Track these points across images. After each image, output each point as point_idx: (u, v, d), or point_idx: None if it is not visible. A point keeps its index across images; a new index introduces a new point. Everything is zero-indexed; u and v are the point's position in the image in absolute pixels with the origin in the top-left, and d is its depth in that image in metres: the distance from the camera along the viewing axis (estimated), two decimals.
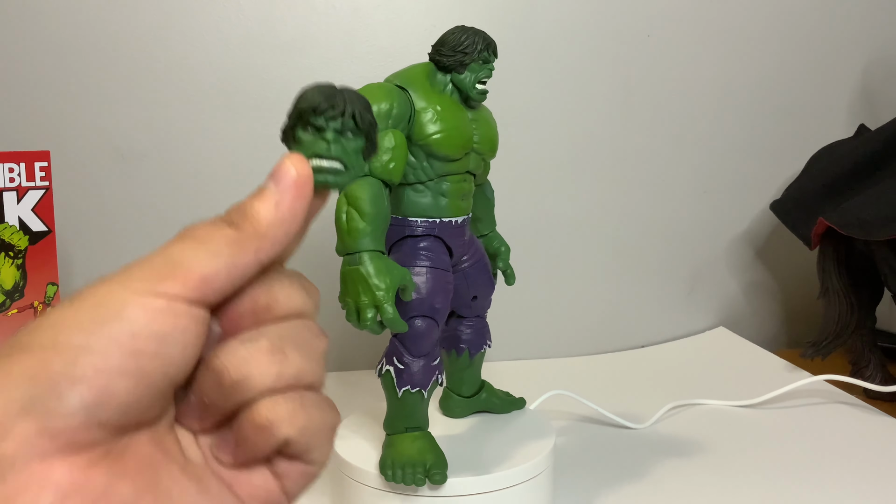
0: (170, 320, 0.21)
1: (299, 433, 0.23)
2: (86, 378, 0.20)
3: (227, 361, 0.22)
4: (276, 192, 0.24)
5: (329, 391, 0.26)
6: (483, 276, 0.55)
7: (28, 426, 0.19)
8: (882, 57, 0.98)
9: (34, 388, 0.19)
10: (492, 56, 0.50)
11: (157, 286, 0.21)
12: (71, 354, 0.20)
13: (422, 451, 0.47)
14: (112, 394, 0.20)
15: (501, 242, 0.59)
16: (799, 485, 0.57)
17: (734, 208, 0.96)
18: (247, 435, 0.23)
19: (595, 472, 0.59)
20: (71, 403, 0.19)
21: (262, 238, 0.23)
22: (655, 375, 0.82)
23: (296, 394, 0.23)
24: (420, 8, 0.83)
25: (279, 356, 0.23)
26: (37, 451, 0.19)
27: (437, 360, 0.49)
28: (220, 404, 0.23)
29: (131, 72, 0.79)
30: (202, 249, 0.22)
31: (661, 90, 0.91)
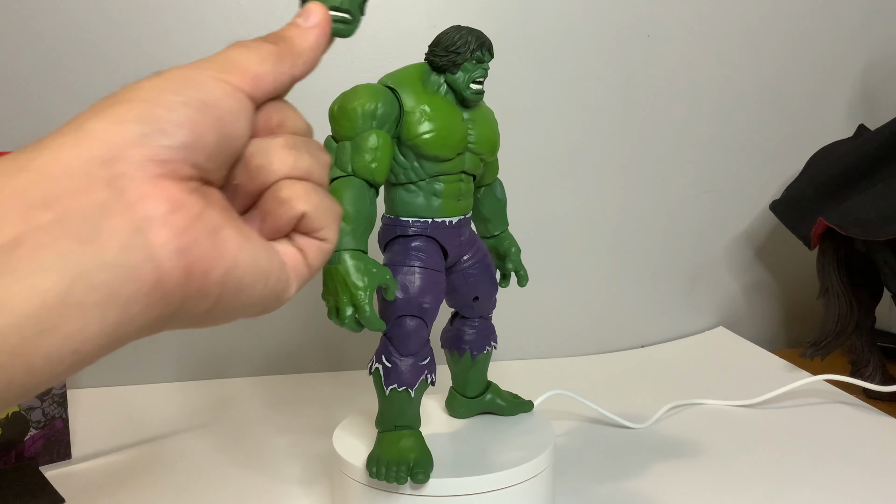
0: (236, 102, 0.26)
1: (313, 209, 0.28)
2: (185, 125, 0.24)
3: (253, 149, 0.28)
4: (306, 27, 0.30)
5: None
6: (485, 277, 0.54)
7: (142, 152, 0.23)
8: (882, 57, 0.98)
9: (147, 127, 0.24)
10: (486, 55, 0.49)
11: (224, 76, 0.26)
12: (174, 106, 0.24)
13: (408, 449, 0.48)
14: (203, 142, 0.25)
15: (512, 243, 0.58)
16: (799, 485, 0.57)
17: (734, 208, 0.96)
18: (271, 209, 0.28)
19: (595, 472, 0.60)
20: (175, 141, 0.24)
21: (297, 56, 0.29)
22: (655, 375, 0.82)
23: (308, 182, 0.29)
24: (420, 8, 0.83)
25: (294, 151, 0.28)
26: (148, 173, 0.23)
27: (427, 359, 0.49)
28: (247, 186, 0.28)
29: (131, 72, 0.79)
30: (254, 56, 0.28)
31: (660, 90, 0.91)
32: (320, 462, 0.62)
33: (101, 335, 0.22)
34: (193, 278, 0.24)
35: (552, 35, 0.87)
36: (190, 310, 0.25)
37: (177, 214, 0.24)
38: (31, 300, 0.20)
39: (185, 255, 0.24)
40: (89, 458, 0.63)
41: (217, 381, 0.81)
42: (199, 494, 0.57)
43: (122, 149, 0.23)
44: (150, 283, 0.23)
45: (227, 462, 0.63)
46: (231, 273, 0.26)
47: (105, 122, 0.23)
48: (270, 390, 0.79)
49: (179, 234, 0.24)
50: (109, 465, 0.62)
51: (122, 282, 0.22)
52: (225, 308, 0.26)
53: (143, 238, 0.23)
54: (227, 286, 0.26)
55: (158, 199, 0.23)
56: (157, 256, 0.23)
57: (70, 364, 0.22)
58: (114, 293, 0.22)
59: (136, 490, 0.58)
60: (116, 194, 0.22)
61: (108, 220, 0.22)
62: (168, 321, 0.25)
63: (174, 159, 0.24)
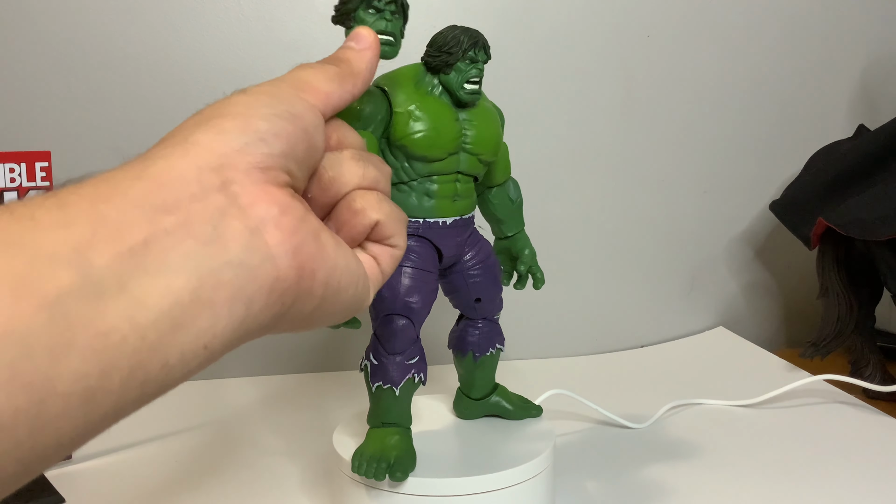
0: (315, 115, 0.29)
1: (385, 217, 0.30)
2: (281, 134, 0.26)
3: (325, 163, 0.30)
4: (360, 49, 0.33)
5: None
6: (487, 278, 0.54)
7: (246, 160, 0.25)
8: (882, 57, 0.98)
9: (248, 136, 0.25)
10: (480, 55, 0.49)
11: (301, 93, 0.29)
12: (268, 118, 0.26)
13: (391, 447, 0.48)
14: (296, 150, 0.27)
15: (525, 245, 0.57)
16: (799, 485, 0.57)
17: (734, 208, 0.97)
18: (346, 218, 0.30)
19: (595, 472, 0.60)
20: (275, 149, 0.26)
21: (356, 76, 0.32)
22: (655, 375, 0.82)
23: (377, 192, 0.31)
24: (420, 8, 0.83)
25: (361, 162, 0.31)
26: (255, 178, 0.25)
27: (415, 359, 0.49)
28: (321, 198, 0.30)
29: (131, 72, 0.79)
30: (322, 76, 0.30)
31: (660, 90, 0.91)
32: (320, 462, 0.62)
33: (227, 331, 0.23)
34: (304, 277, 0.26)
35: (552, 35, 0.87)
36: (299, 310, 0.27)
37: (286, 217, 0.25)
38: (166, 297, 0.22)
39: (297, 254, 0.25)
40: (89, 458, 0.63)
41: (217, 381, 0.81)
42: (198, 494, 0.57)
43: (228, 157, 0.25)
44: (270, 281, 0.24)
45: (226, 462, 0.63)
46: (332, 274, 0.27)
47: (210, 134, 0.25)
48: (270, 390, 0.79)
49: (290, 234, 0.25)
50: (109, 465, 0.62)
51: (246, 279, 0.24)
52: (325, 310, 0.28)
53: (260, 238, 0.24)
54: (329, 286, 0.27)
55: (269, 202, 0.25)
56: (274, 255, 0.24)
57: (201, 360, 0.23)
58: (239, 290, 0.23)
59: (136, 490, 0.58)
60: (230, 199, 0.24)
61: (227, 223, 0.23)
62: (280, 321, 0.26)
63: (274, 166, 0.26)
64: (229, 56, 0.81)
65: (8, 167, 0.63)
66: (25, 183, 0.64)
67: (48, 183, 0.65)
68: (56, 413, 0.20)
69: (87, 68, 0.78)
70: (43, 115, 0.78)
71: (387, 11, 0.37)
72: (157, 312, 0.21)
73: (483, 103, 0.52)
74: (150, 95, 0.80)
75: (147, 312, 0.21)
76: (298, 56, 0.81)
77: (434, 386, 0.60)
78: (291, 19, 0.81)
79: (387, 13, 0.37)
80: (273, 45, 0.81)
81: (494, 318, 0.56)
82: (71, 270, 0.20)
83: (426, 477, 0.48)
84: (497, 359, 0.57)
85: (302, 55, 0.81)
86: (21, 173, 0.63)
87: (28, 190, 0.64)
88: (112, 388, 0.21)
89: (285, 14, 0.81)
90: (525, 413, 0.57)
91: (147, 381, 0.22)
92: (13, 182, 0.63)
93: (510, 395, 0.58)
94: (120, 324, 0.21)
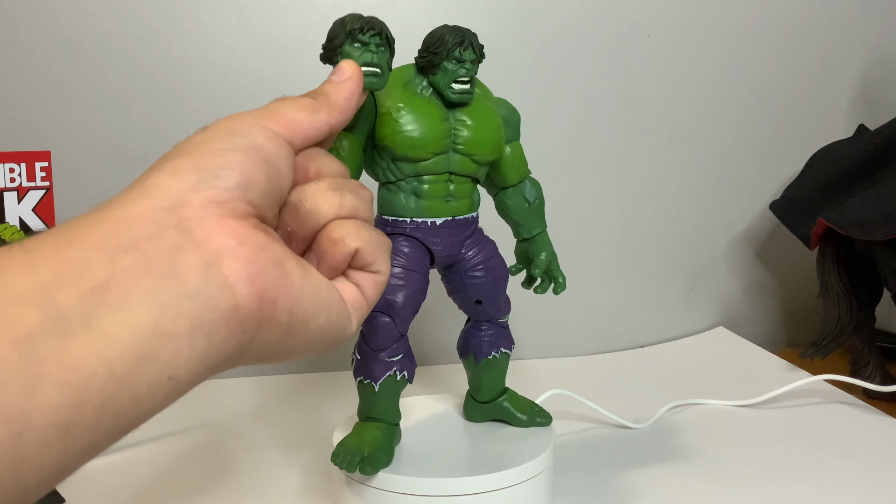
0: (276, 144, 0.29)
1: (365, 244, 0.31)
2: (235, 167, 0.27)
3: (301, 196, 0.31)
4: (339, 81, 0.34)
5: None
6: (488, 280, 0.53)
7: (202, 196, 0.26)
8: (882, 57, 0.98)
9: (201, 174, 0.26)
10: (467, 54, 0.48)
11: (263, 122, 0.30)
12: (222, 153, 0.27)
13: (367, 441, 0.49)
14: (254, 181, 0.28)
15: (543, 247, 0.55)
16: (799, 485, 0.57)
17: (734, 208, 0.96)
18: (325, 249, 0.31)
19: (595, 472, 0.60)
20: (229, 182, 0.27)
21: (332, 107, 0.33)
22: (655, 375, 0.82)
23: (356, 220, 0.31)
24: (420, 8, 0.84)
25: (338, 192, 0.31)
26: (211, 213, 0.26)
27: (398, 356, 0.50)
28: (300, 231, 0.31)
29: (131, 72, 0.79)
30: (292, 105, 0.31)
31: (660, 90, 0.91)
32: (320, 462, 0.62)
33: (191, 362, 0.25)
34: (265, 305, 0.27)
35: (552, 35, 0.87)
36: (264, 339, 0.27)
37: (244, 247, 0.26)
38: (129, 331, 0.23)
39: (256, 282, 0.26)
40: None
41: (216, 381, 0.81)
42: (198, 494, 0.57)
43: (182, 195, 0.26)
44: (229, 309, 0.25)
45: (226, 462, 0.63)
46: (298, 302, 0.28)
47: (164, 176, 0.26)
48: (270, 390, 0.79)
49: (248, 263, 0.26)
50: (109, 465, 0.62)
51: (204, 309, 0.24)
52: (295, 339, 0.29)
53: (216, 269, 0.25)
54: (295, 314, 0.28)
55: (225, 234, 0.26)
56: (231, 285, 0.25)
57: (168, 391, 0.24)
58: (198, 320, 0.24)
59: (136, 490, 0.58)
60: (185, 235, 0.25)
61: (183, 258, 0.25)
62: (247, 350, 0.27)
63: (231, 198, 0.27)
64: (229, 56, 0.81)
65: (8, 167, 0.63)
66: (25, 183, 0.64)
67: (48, 183, 0.65)
68: (35, 447, 0.21)
69: (87, 68, 0.78)
70: (43, 115, 0.78)
71: (371, 44, 0.38)
72: (122, 346, 0.22)
73: (484, 103, 0.51)
74: (150, 95, 0.80)
75: (113, 346, 0.22)
76: (300, 56, 0.81)
77: (436, 386, 0.60)
78: (291, 19, 0.81)
79: (371, 45, 0.38)
80: (273, 45, 0.81)
81: (500, 322, 0.55)
82: (38, 310, 0.22)
83: (426, 477, 0.48)
84: (504, 363, 0.56)
85: (302, 55, 0.81)
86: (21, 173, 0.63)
87: (28, 190, 0.64)
88: (86, 422, 0.22)
89: (285, 14, 0.81)
90: (532, 422, 0.56)
91: (118, 413, 0.23)
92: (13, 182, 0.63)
93: (519, 401, 0.57)
94: (88, 358, 0.22)
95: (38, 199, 0.65)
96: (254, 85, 0.81)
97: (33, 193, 0.64)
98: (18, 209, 0.63)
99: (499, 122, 0.52)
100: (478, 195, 0.53)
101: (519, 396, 0.57)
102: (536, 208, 0.55)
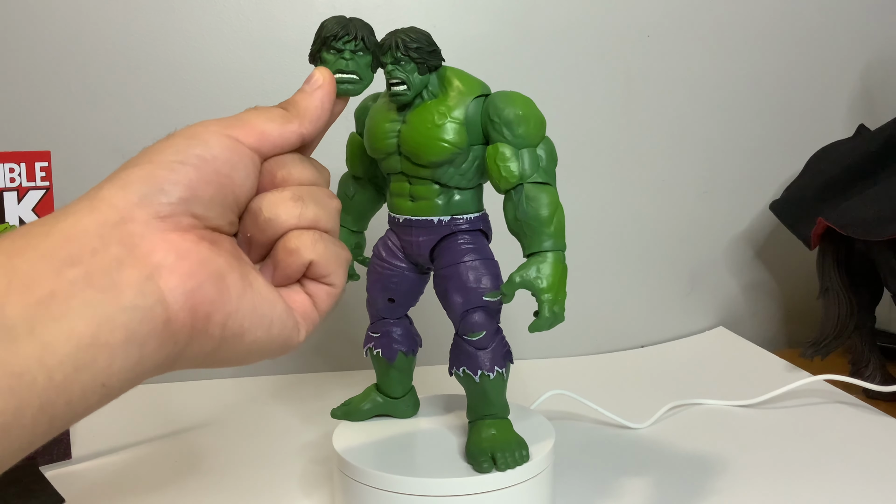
0: (236, 154, 0.30)
1: (319, 257, 0.31)
2: (182, 182, 0.28)
3: (261, 204, 0.31)
4: (310, 91, 0.34)
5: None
6: (440, 289, 0.51)
7: (146, 211, 0.27)
8: (882, 57, 0.98)
9: (146, 188, 0.27)
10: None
11: (229, 131, 0.30)
12: (171, 166, 0.28)
13: (360, 396, 0.57)
14: (200, 194, 0.28)
15: (521, 268, 0.47)
16: (799, 485, 0.57)
17: (734, 208, 0.96)
18: (281, 258, 0.31)
19: (595, 472, 0.59)
20: (172, 197, 0.28)
21: (303, 116, 0.33)
22: (655, 375, 0.82)
23: (315, 231, 0.32)
24: (420, 9, 0.83)
25: (300, 203, 0.31)
26: (154, 228, 0.27)
27: (378, 335, 0.55)
28: (259, 238, 0.31)
29: (131, 72, 0.79)
30: (262, 115, 0.32)
31: (660, 90, 0.91)
32: (320, 462, 0.62)
33: (124, 370, 0.26)
34: (198, 319, 0.28)
35: (552, 35, 0.87)
36: (196, 350, 0.28)
37: (183, 261, 0.27)
38: (70, 341, 0.24)
39: (190, 297, 0.27)
40: (89, 458, 0.63)
41: (216, 382, 0.81)
42: (198, 495, 0.57)
43: (128, 210, 0.27)
44: (161, 323, 0.26)
45: (226, 462, 0.63)
46: (233, 316, 0.29)
47: (114, 189, 0.27)
48: (270, 390, 0.79)
49: (186, 278, 0.27)
50: (109, 465, 0.62)
51: (139, 322, 0.26)
52: (230, 351, 0.30)
53: (153, 284, 0.26)
54: (228, 329, 0.29)
55: (166, 249, 0.27)
56: (166, 299, 0.26)
57: (100, 397, 0.25)
58: (133, 333, 0.26)
59: (136, 490, 0.58)
60: (128, 250, 0.26)
61: (124, 272, 0.26)
62: (179, 359, 0.28)
63: (175, 213, 0.28)
64: (229, 56, 0.81)
65: (8, 167, 0.63)
66: (25, 183, 0.64)
67: (48, 183, 0.65)
68: None
69: (86, 68, 0.78)
70: (43, 115, 0.78)
71: (346, 51, 0.38)
72: (62, 355, 0.24)
73: (441, 103, 0.48)
74: (150, 95, 0.80)
75: (54, 355, 0.24)
76: (299, 56, 0.81)
77: (437, 386, 0.60)
78: (291, 19, 0.81)
79: (346, 52, 0.38)
80: (273, 45, 0.81)
81: (465, 338, 0.51)
82: None
83: (426, 477, 0.48)
84: (469, 384, 0.51)
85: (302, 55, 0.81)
86: (21, 173, 0.63)
87: (28, 190, 0.64)
88: (25, 424, 0.23)
89: (285, 14, 0.81)
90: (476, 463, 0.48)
91: (54, 416, 0.24)
92: (13, 182, 0.63)
93: (482, 438, 0.50)
94: (31, 365, 0.23)
95: (38, 199, 0.65)
96: (253, 85, 0.81)
97: (33, 193, 0.64)
98: (18, 209, 0.63)
99: (437, 123, 0.48)
100: (449, 199, 0.50)
101: (485, 432, 0.50)
102: (532, 224, 0.48)
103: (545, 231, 0.48)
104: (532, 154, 0.49)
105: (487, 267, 0.51)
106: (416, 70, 0.48)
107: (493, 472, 0.47)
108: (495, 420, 0.51)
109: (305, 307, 0.32)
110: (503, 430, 0.51)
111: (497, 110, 0.48)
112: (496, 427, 0.51)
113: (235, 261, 0.30)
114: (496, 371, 0.51)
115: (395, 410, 0.57)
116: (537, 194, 0.48)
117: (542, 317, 0.47)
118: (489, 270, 0.51)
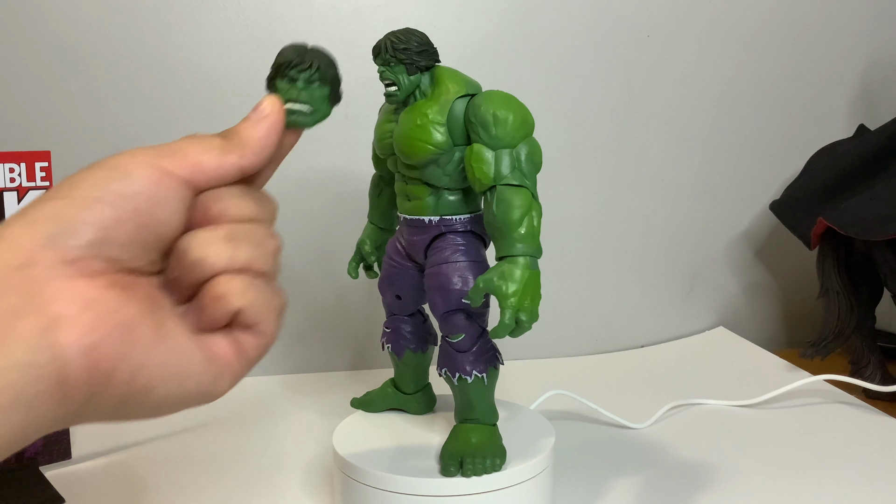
0: (163, 188, 0.27)
1: (249, 305, 0.28)
2: (95, 222, 0.26)
3: (189, 243, 0.28)
4: (255, 120, 0.31)
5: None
6: (429, 284, 0.51)
7: (50, 255, 0.25)
8: (882, 57, 0.98)
9: (55, 227, 0.25)
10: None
11: (159, 162, 0.28)
12: (86, 203, 0.26)
13: (378, 389, 0.59)
14: (114, 235, 0.26)
15: (491, 273, 0.46)
16: (799, 485, 0.57)
17: (734, 208, 0.96)
18: (206, 304, 0.28)
19: (595, 472, 0.60)
20: (82, 240, 0.25)
21: (244, 148, 0.30)
22: (655, 375, 0.82)
23: (247, 276, 0.29)
24: (420, 9, 0.83)
25: (232, 244, 0.28)
26: (59, 274, 0.25)
27: (389, 331, 0.56)
28: (185, 279, 0.28)
29: (131, 72, 0.79)
30: (199, 145, 0.29)
31: (660, 90, 0.91)
32: (320, 462, 0.62)
33: (9, 434, 0.23)
34: (97, 377, 0.25)
35: (552, 35, 0.87)
36: (96, 408, 0.26)
37: (87, 313, 0.25)
38: None
39: (91, 353, 0.25)
40: (89, 458, 0.63)
41: None
42: (198, 495, 0.57)
43: (33, 253, 0.25)
44: (55, 383, 0.24)
45: (226, 462, 0.63)
46: (139, 371, 0.26)
47: (19, 226, 0.25)
48: (270, 390, 0.79)
49: (88, 332, 0.25)
50: (109, 465, 0.62)
51: (28, 381, 0.23)
52: (137, 407, 0.27)
53: (50, 338, 0.24)
54: (135, 385, 0.26)
55: (69, 298, 0.25)
56: (63, 355, 0.24)
57: None
58: (21, 393, 0.23)
59: (136, 490, 0.58)
60: (28, 298, 0.24)
61: (19, 323, 0.23)
62: (76, 417, 0.26)
63: (83, 256, 0.25)
64: (229, 56, 0.81)
65: (8, 167, 0.63)
66: (25, 183, 0.64)
67: (48, 183, 0.65)
68: None
69: (86, 68, 0.78)
70: (43, 115, 0.78)
71: (300, 80, 0.35)
72: None
73: (428, 104, 0.49)
74: (150, 95, 0.80)
75: None
76: None
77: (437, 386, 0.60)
78: (291, 19, 0.81)
79: (300, 82, 0.35)
80: (273, 45, 0.81)
81: (448, 339, 0.51)
82: None
83: (426, 477, 0.48)
84: (453, 387, 0.51)
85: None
86: (21, 173, 0.63)
87: (28, 190, 0.64)
88: None
89: (285, 14, 0.81)
90: (446, 469, 0.48)
91: None
92: (13, 182, 0.63)
93: (458, 440, 0.50)
94: None
95: None
96: (253, 85, 0.81)
97: (33, 194, 0.64)
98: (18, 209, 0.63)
99: (418, 124, 0.48)
100: (439, 199, 0.50)
101: (463, 437, 0.50)
102: (498, 227, 0.46)
103: (514, 234, 0.46)
104: (510, 155, 0.47)
105: (472, 269, 0.50)
106: (405, 71, 0.49)
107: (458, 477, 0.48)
108: (477, 425, 0.51)
109: (230, 356, 0.29)
110: (483, 436, 0.50)
111: (475, 110, 0.47)
112: (477, 432, 0.50)
113: (150, 309, 0.27)
114: (475, 375, 0.50)
115: (408, 406, 0.58)
116: (509, 196, 0.46)
117: (500, 323, 0.45)
118: (474, 273, 0.49)
